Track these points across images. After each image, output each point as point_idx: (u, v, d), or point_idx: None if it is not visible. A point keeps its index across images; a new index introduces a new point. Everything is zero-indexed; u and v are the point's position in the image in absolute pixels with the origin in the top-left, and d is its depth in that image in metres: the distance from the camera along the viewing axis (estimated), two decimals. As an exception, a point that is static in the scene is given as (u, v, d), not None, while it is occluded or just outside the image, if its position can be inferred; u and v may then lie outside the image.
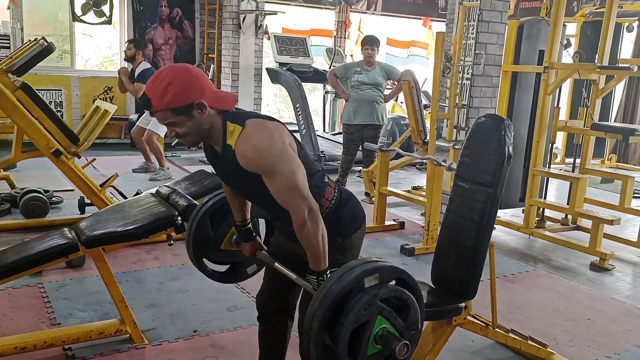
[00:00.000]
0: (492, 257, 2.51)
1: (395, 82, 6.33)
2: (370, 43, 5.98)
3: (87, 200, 4.32)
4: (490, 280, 2.58)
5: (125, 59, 6.44)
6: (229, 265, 2.51)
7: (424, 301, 2.23)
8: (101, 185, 4.20)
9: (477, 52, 4.68)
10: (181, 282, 3.64)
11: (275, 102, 13.23)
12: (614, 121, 8.51)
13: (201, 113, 1.79)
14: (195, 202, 2.75)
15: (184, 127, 1.80)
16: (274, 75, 8.18)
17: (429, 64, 10.90)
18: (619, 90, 8.44)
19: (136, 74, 6.22)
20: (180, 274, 3.74)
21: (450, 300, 2.39)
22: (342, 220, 2.03)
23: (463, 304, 2.41)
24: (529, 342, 2.76)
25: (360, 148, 6.18)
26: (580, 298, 3.72)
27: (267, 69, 8.36)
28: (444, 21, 9.88)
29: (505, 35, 4.88)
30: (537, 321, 3.32)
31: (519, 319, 3.30)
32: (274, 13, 8.29)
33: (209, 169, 5.29)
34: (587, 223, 4.74)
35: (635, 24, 8.16)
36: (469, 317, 2.57)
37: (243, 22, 8.09)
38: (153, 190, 3.31)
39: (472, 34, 6.61)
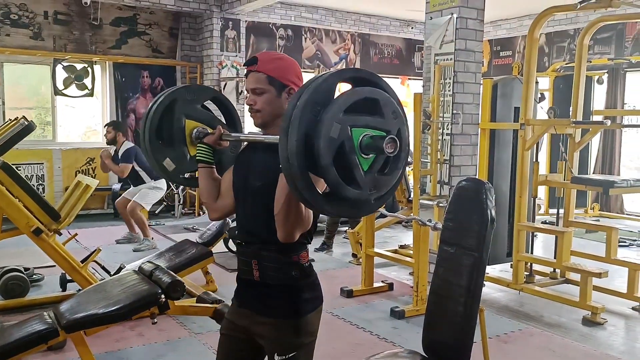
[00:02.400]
0: (483, 322, 2.47)
1: None
2: None
3: (68, 277, 4.23)
4: (482, 347, 2.53)
5: (107, 143, 6.49)
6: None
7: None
8: (83, 261, 4.11)
9: (454, 112, 4.79)
10: (167, 359, 3.52)
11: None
12: (593, 172, 8.65)
13: (287, 99, 1.86)
14: (180, 279, 2.70)
15: (265, 100, 1.87)
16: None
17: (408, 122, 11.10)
18: (596, 141, 8.63)
19: (120, 154, 6.27)
20: (166, 351, 3.62)
21: (443, 371, 2.33)
22: (303, 293, 1.92)
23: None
24: (527, 408, 2.68)
25: None
26: (574, 356, 3.66)
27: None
28: (421, 79, 10.16)
29: (481, 94, 5.01)
30: (533, 383, 3.24)
31: (515, 382, 3.23)
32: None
33: (193, 237, 5.27)
34: (575, 276, 4.73)
35: (604, 77, 8.44)
36: (463, 387, 2.49)
37: (224, 89, 8.23)
38: (136, 265, 3.26)
39: (449, 91, 6.78)
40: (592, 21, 5.20)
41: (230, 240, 5.90)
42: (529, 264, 5.06)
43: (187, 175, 2.33)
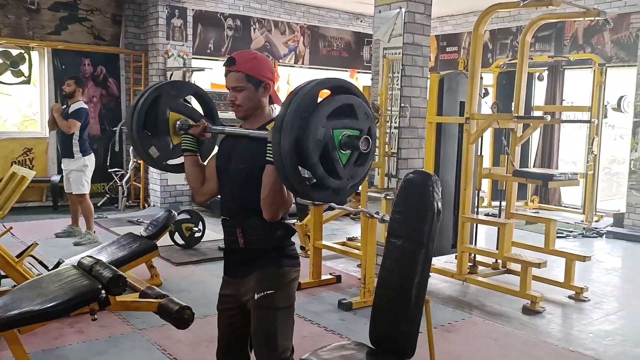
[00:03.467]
0: (428, 313, 2.49)
1: None
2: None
3: (2, 273, 4.03)
4: (427, 338, 2.56)
5: (64, 95, 6.27)
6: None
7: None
8: (18, 256, 3.93)
9: (402, 105, 4.83)
10: (108, 356, 3.41)
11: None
12: (533, 166, 8.95)
13: (263, 92, 2.17)
14: (121, 273, 2.61)
15: (245, 96, 2.14)
16: (204, 131, 8.11)
17: (357, 115, 11.16)
18: (536, 135, 8.92)
19: (70, 110, 5.99)
20: (107, 348, 3.51)
21: (390, 362, 2.34)
22: (284, 250, 2.24)
23: (402, 366, 2.37)
24: (470, 395, 2.74)
25: (294, 201, 6.15)
26: (515, 344, 3.78)
27: (196, 124, 8.29)
28: (370, 72, 10.21)
29: (428, 88, 5.08)
30: (476, 371, 3.32)
31: (458, 371, 3.30)
32: (202, 69, 8.29)
33: (138, 230, 5.12)
34: (516, 266, 4.88)
35: (545, 74, 8.74)
36: (409, 377, 2.52)
37: (170, 78, 8.02)
38: (76, 259, 3.13)
39: (397, 85, 6.85)
40: (533, 19, 5.36)
41: (177, 233, 5.79)
42: (472, 255, 5.18)
43: (170, 162, 2.56)
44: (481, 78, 5.29)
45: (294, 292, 2.28)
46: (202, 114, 2.58)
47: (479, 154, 5.07)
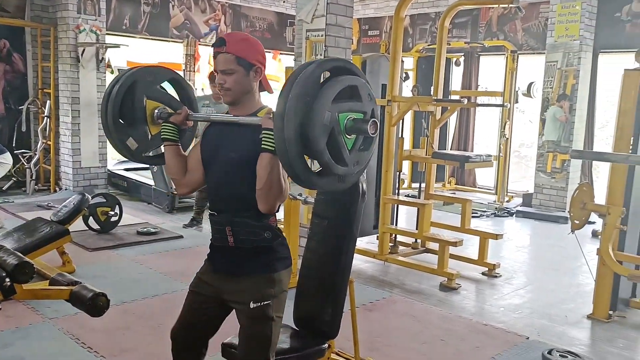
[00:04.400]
0: (352, 293, 2.52)
1: None
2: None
3: None
4: (351, 317, 2.60)
5: None
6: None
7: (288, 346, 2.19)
8: None
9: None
10: (15, 349, 3.20)
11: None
12: (450, 148, 9.27)
13: (254, 77, 2.05)
14: (28, 259, 2.43)
15: (235, 80, 2.02)
16: (120, 111, 7.76)
17: (280, 97, 11.07)
18: (453, 119, 9.23)
19: None
20: (14, 339, 3.30)
21: (314, 342, 2.35)
22: (276, 253, 2.12)
23: (326, 344, 2.39)
24: (391, 371, 2.81)
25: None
26: (433, 320, 3.91)
27: (111, 104, 7.91)
28: (293, 54, 10.14)
29: (350, 70, 5.10)
30: (396, 348, 3.40)
31: (379, 347, 3.37)
32: (116, 46, 7.89)
33: (48, 215, 4.83)
34: (435, 245, 5.05)
35: (461, 59, 9.03)
36: (332, 356, 2.55)
37: (82, 55, 7.58)
38: (-24, 247, 2.89)
39: (320, 67, 6.85)
40: (451, 5, 5.50)
41: (91, 217, 5.51)
42: (393, 235, 5.30)
43: (150, 153, 2.42)
44: (402, 62, 5.37)
45: (285, 298, 2.16)
46: (180, 101, 2.42)
47: (399, 136, 5.16)
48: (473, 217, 6.30)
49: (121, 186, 7.79)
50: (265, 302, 2.05)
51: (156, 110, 2.31)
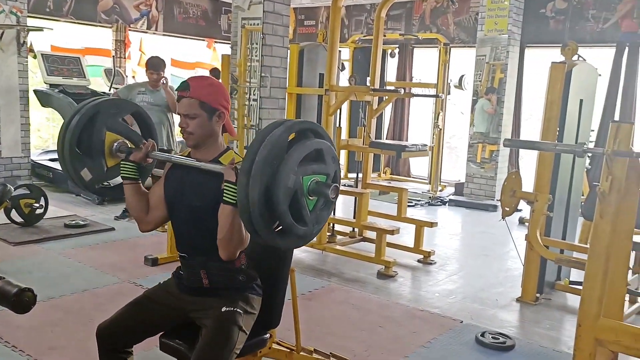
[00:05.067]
0: (293, 282, 2.50)
1: None
2: (155, 68, 5.68)
3: None
4: (292, 307, 2.58)
5: None
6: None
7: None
8: None
9: (262, 75, 4.76)
10: None
11: (48, 126, 11.94)
12: (386, 138, 9.42)
13: (217, 121, 2.08)
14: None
15: (197, 124, 2.05)
16: (45, 98, 7.39)
17: (215, 86, 10.85)
18: (388, 110, 9.37)
19: None
20: None
21: (256, 332, 2.30)
22: (248, 288, 2.17)
23: (268, 334, 2.36)
24: (331, 359, 2.82)
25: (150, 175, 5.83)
26: (371, 307, 3.96)
27: (35, 91, 7.50)
28: (228, 43, 9.96)
29: (288, 59, 5.06)
30: (335, 336, 3.42)
31: (319, 336, 3.37)
32: (40, 29, 7.46)
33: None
34: (372, 234, 5.11)
35: (396, 51, 9.17)
36: (274, 346, 2.52)
37: (1, 38, 7.12)
38: None
39: (256, 56, 6.75)
40: (388, -4, 5.54)
41: (14, 209, 5.21)
42: (331, 224, 5.32)
43: (108, 183, 2.41)
44: (339, 52, 5.38)
45: (252, 323, 2.16)
46: (140, 134, 2.43)
47: (337, 125, 5.18)
48: (408, 206, 6.42)
49: (46, 177, 7.41)
50: (236, 309, 2.07)
51: (115, 143, 2.30)
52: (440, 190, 8.48)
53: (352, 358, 2.97)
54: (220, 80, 4.73)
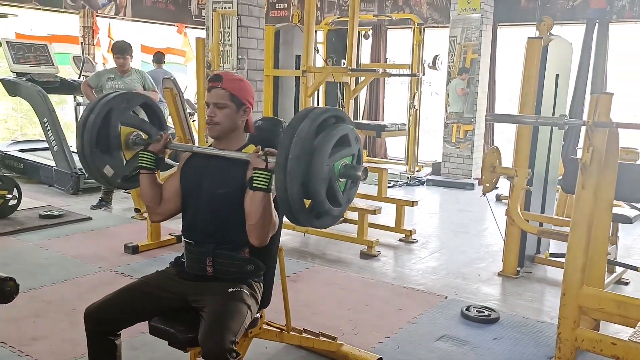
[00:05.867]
0: (282, 261, 2.49)
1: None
2: (120, 52, 5.54)
3: None
4: (282, 285, 2.57)
5: None
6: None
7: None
8: None
9: (239, 57, 4.69)
10: None
11: (15, 117, 11.63)
12: (362, 119, 9.42)
13: (242, 115, 2.18)
14: None
15: (225, 115, 2.14)
16: (12, 87, 7.17)
17: (187, 72, 10.70)
18: (363, 92, 9.35)
19: None
20: None
21: (246, 313, 2.29)
22: (253, 277, 2.20)
23: (259, 315, 2.34)
24: (321, 338, 2.82)
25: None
26: (356, 287, 3.97)
27: (1, 80, 7.28)
28: (200, 28, 9.81)
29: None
30: (322, 316, 3.42)
31: (306, 317, 3.36)
32: (4, 16, 7.23)
33: None
34: (353, 215, 5.11)
35: (370, 32, 9.13)
36: (264, 326, 2.51)
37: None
38: None
39: (229, 40, 6.66)
40: (363, -25, 5.49)
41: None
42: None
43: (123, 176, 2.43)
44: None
45: (256, 310, 2.18)
46: (150, 124, 2.47)
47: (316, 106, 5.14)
48: (389, 187, 6.45)
49: (17, 168, 7.22)
50: (242, 290, 2.10)
51: (132, 136, 2.36)
52: (418, 171, 8.54)
53: (341, 337, 2.97)
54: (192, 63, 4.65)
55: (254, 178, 1.97)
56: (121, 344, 2.19)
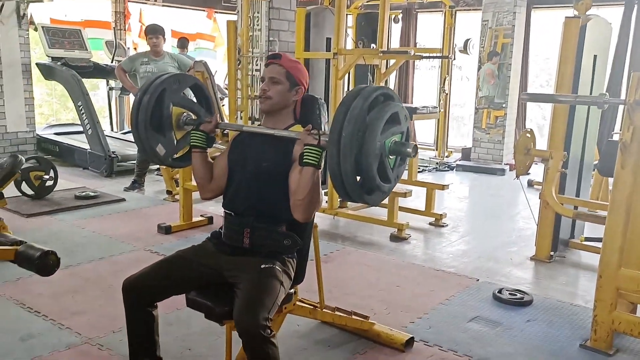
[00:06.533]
0: (316, 238, 2.51)
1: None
2: (153, 32, 5.64)
3: None
4: (315, 262, 2.58)
5: None
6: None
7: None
8: None
9: (270, 39, 4.69)
10: (-46, 318, 3.00)
11: (49, 102, 11.87)
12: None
13: (294, 95, 2.25)
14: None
15: (279, 90, 2.20)
16: (47, 71, 7.33)
17: (216, 57, 10.76)
18: (392, 76, 9.27)
19: None
20: (-48, 309, 3.09)
21: (281, 288, 2.32)
22: (290, 253, 2.25)
23: (293, 290, 2.37)
24: (353, 316, 2.84)
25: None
26: (387, 268, 3.97)
27: (37, 64, 7.43)
28: (229, 13, 9.83)
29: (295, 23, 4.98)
30: (354, 296, 3.44)
31: (338, 297, 3.38)
32: (40, 0, 7.36)
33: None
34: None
35: (400, 16, 9.03)
36: (297, 303, 2.54)
37: (1, 11, 7.02)
38: None
39: (258, 25, 6.66)
40: (394, -44, 5.42)
41: (24, 182, 5.20)
42: (341, 189, 5.31)
43: (175, 156, 2.50)
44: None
45: (289, 286, 2.22)
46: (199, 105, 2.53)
47: (346, 89, 5.12)
48: (419, 172, 6.41)
49: (53, 151, 7.38)
50: (275, 266, 2.12)
51: (183, 116, 2.43)
52: (447, 156, 8.45)
53: (373, 316, 2.98)
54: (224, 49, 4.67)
55: (305, 154, 2.01)
56: (158, 315, 2.24)
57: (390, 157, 1.97)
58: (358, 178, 1.92)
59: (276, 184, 2.15)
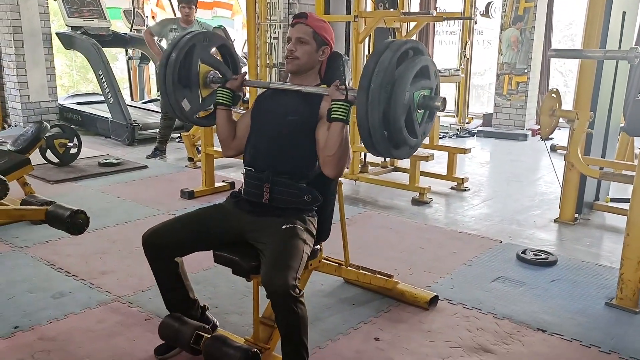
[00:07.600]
0: (341, 195, 2.51)
1: None
2: (187, 2, 5.61)
3: None
4: (340, 219, 2.60)
5: None
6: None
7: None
8: None
9: (291, 1, 4.63)
10: (-11, 277, 3.08)
11: (69, 74, 11.94)
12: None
13: (321, 55, 2.23)
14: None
15: (306, 51, 2.19)
16: (67, 40, 7.35)
17: (234, 25, 10.68)
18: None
19: None
20: (-14, 268, 3.18)
21: (307, 244, 2.34)
22: (310, 211, 2.23)
23: (318, 247, 2.39)
24: (377, 275, 2.86)
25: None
26: (409, 231, 3.98)
27: (57, 33, 7.46)
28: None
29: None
30: (377, 257, 3.45)
31: (360, 258, 3.38)
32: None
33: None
34: (403, 164, 5.07)
35: (420, -20, 8.85)
36: (323, 260, 2.56)
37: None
38: None
39: (276, -9, 6.59)
40: None
41: (49, 149, 5.27)
42: (362, 154, 5.30)
43: (200, 114, 2.52)
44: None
45: (312, 245, 2.18)
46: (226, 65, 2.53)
47: (368, 53, 5.07)
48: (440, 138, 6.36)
49: (75, 120, 7.46)
50: (297, 225, 2.10)
51: (210, 74, 2.44)
52: (468, 123, 8.36)
53: (396, 277, 3.00)
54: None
55: (333, 109, 2.00)
56: (183, 262, 2.27)
57: (419, 110, 1.96)
58: (385, 133, 1.90)
59: (299, 140, 2.15)
